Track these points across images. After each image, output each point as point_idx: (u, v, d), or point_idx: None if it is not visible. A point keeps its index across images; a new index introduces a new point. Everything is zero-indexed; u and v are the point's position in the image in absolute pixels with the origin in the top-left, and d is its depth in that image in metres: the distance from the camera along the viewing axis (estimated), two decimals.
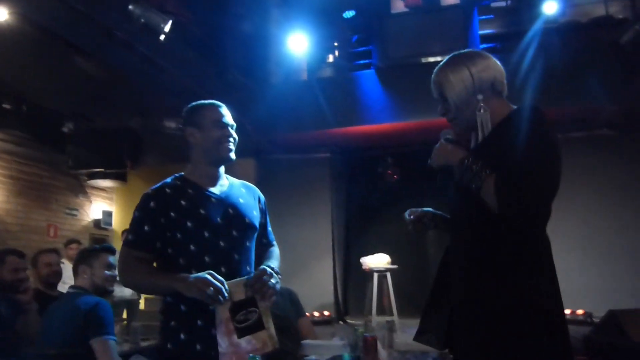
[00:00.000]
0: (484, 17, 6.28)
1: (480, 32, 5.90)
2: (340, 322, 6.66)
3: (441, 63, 1.71)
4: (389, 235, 7.48)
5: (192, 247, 1.78)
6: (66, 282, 3.87)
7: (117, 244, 7.30)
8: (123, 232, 7.09)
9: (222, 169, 1.98)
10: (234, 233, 1.86)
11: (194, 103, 2.01)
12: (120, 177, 7.02)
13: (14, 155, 6.48)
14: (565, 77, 5.17)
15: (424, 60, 6.06)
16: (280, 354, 2.79)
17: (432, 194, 7.89)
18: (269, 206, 2.13)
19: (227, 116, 1.96)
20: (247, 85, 6.07)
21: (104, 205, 8.03)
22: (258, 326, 1.72)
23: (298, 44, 6.22)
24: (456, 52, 1.71)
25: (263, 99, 6.06)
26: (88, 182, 7.33)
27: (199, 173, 1.92)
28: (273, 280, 1.79)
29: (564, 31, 5.47)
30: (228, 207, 1.89)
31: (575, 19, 5.79)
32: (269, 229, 2.11)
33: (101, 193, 7.99)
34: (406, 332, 5.78)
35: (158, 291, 1.90)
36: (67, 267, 4.22)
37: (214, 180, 1.94)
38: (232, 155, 1.94)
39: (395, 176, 7.45)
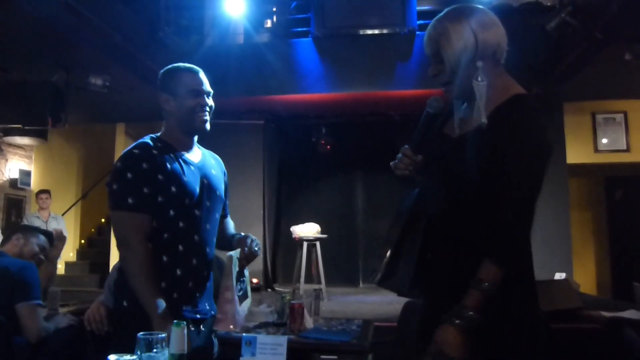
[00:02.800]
0: None
1: (418, 8, 5.96)
2: (269, 290, 6.72)
3: (441, 14, 1.48)
4: (320, 204, 7.58)
5: (171, 212, 1.75)
6: None
7: (35, 205, 6.96)
8: (37, 194, 6.77)
9: (195, 137, 1.94)
10: (207, 204, 1.86)
11: (170, 66, 1.92)
12: (40, 134, 6.63)
13: None
14: None
15: (361, 32, 6.07)
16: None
17: (364, 166, 8.08)
18: None
19: (205, 83, 1.88)
20: (180, 45, 5.84)
21: (21, 164, 7.57)
22: (246, 294, 1.80)
23: (235, 6, 6.04)
24: (459, 5, 1.48)
25: (196, 60, 5.83)
26: (4, 138, 6.88)
27: (175, 139, 1.86)
28: (257, 248, 1.88)
29: (496, 13, 5.61)
30: (203, 177, 1.87)
31: (507, 2, 5.97)
32: (227, 201, 2.11)
33: (18, 151, 7.51)
34: (332, 300, 5.93)
35: (131, 286, 1.71)
36: None
37: (189, 148, 1.90)
38: (207, 125, 1.88)
39: (328, 146, 7.51)
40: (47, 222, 6.49)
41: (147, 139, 1.85)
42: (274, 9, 6.72)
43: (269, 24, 6.65)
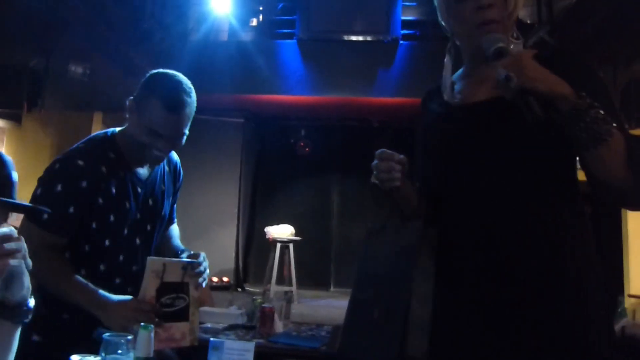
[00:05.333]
0: (407, 3, 6.42)
1: (403, 17, 6.03)
2: (239, 289, 6.69)
3: None
4: (295, 206, 7.58)
5: (106, 242, 1.56)
6: None
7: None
8: None
9: None
10: (148, 228, 1.68)
11: (156, 77, 1.59)
12: (14, 118, 6.50)
13: None
14: None
15: (345, 37, 6.12)
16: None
17: (341, 170, 8.07)
18: None
19: (175, 127, 1.53)
20: (164, 38, 5.80)
21: None
22: (182, 316, 1.51)
23: (221, 3, 6.03)
24: None
25: (179, 55, 5.84)
26: None
27: (129, 149, 1.59)
28: (206, 269, 1.61)
29: None
30: (149, 197, 1.67)
31: None
32: (175, 206, 1.87)
33: None
34: (303, 303, 5.94)
35: (66, 300, 1.51)
36: None
37: (142, 162, 1.64)
38: (159, 162, 1.64)
39: (307, 149, 7.52)
40: None
41: (102, 142, 1.59)
42: (260, 8, 6.73)
43: (254, 22, 6.66)
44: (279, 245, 6.07)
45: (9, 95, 5.52)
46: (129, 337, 1.21)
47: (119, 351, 1.20)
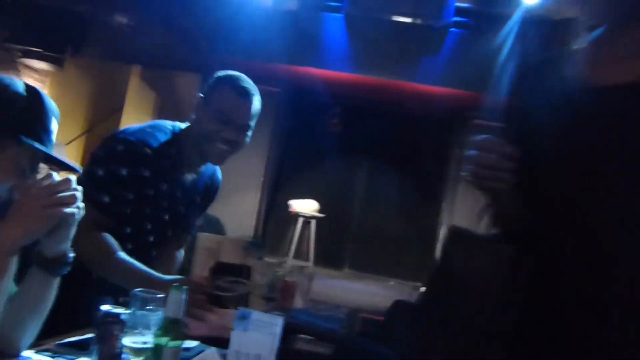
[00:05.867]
0: None
1: (457, 3, 5.83)
2: (259, 259, 6.71)
3: None
4: (320, 183, 7.54)
5: (128, 229, 1.56)
6: None
7: None
8: None
9: None
10: (169, 232, 1.67)
11: (224, 73, 1.64)
12: (57, 61, 6.55)
13: None
14: None
15: (394, 17, 5.95)
16: None
17: (371, 154, 8.00)
18: None
19: (245, 114, 1.57)
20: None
21: None
22: (240, 303, 1.37)
23: None
24: None
25: (223, 17, 5.77)
26: (21, 59, 6.79)
27: (187, 149, 1.61)
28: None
29: (536, 23, 5.52)
30: (182, 204, 1.67)
31: (549, 15, 5.84)
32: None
33: (34, 74, 7.40)
34: (317, 280, 5.92)
35: (113, 278, 1.50)
36: None
37: (194, 167, 1.67)
38: (222, 160, 1.64)
39: (340, 127, 7.43)
40: None
41: (169, 135, 1.58)
42: None
43: None
44: (301, 219, 6.05)
45: (55, 38, 5.55)
46: (161, 295, 1.19)
47: (148, 307, 1.18)
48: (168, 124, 1.65)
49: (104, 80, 8.61)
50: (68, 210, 1.03)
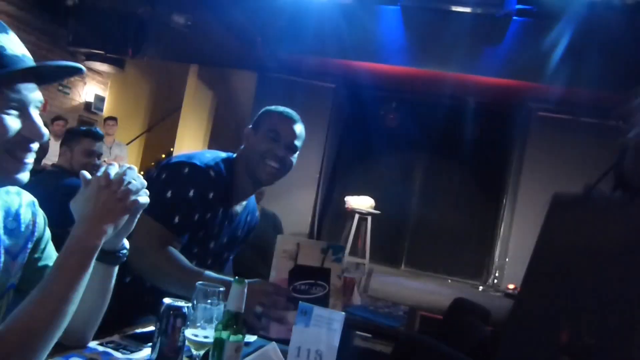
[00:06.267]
0: None
1: None
2: None
3: None
4: (376, 179, 7.46)
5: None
6: (51, 159, 3.78)
7: (102, 131, 7.14)
8: (105, 120, 6.95)
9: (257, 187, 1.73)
10: (209, 261, 1.71)
11: (271, 107, 1.74)
12: (118, 63, 6.78)
13: (13, 18, 6.16)
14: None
15: (453, 8, 5.77)
16: (254, 276, 2.78)
17: (429, 148, 7.82)
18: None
19: (292, 133, 1.65)
20: None
21: (97, 89, 7.79)
22: (320, 305, 1.26)
23: None
24: None
25: (278, 13, 5.78)
26: (85, 62, 7.08)
27: (239, 178, 1.67)
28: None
29: (603, 11, 5.22)
30: (226, 235, 1.73)
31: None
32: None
33: (96, 76, 7.73)
34: (374, 277, 5.86)
35: (183, 291, 1.46)
36: (51, 144, 4.12)
37: (244, 197, 1.73)
38: (273, 180, 1.68)
39: (396, 121, 7.32)
40: (110, 148, 6.68)
41: (226, 162, 1.65)
42: None
43: None
44: (357, 216, 5.99)
45: (117, 40, 5.74)
46: (222, 289, 1.17)
47: (210, 301, 1.16)
48: (222, 153, 1.72)
49: (163, 80, 8.87)
50: (141, 199, 1.04)
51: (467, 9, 5.64)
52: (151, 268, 1.48)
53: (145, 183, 1.06)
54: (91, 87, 7.68)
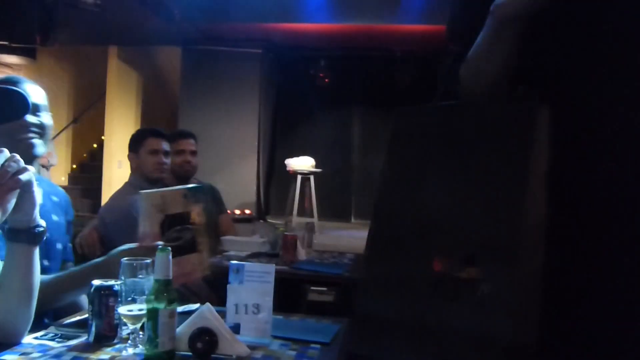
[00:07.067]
0: None
1: None
2: (261, 221, 6.75)
3: None
4: (315, 138, 7.51)
5: None
6: None
7: None
8: None
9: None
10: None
11: None
12: (28, 53, 6.42)
13: None
14: None
15: None
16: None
17: (362, 101, 7.89)
18: (195, 100, 1.84)
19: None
20: None
21: None
22: (191, 247, 1.44)
23: None
24: None
25: None
26: None
27: None
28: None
29: None
30: None
31: None
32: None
33: (6, 70, 7.29)
34: (324, 233, 5.97)
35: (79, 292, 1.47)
36: None
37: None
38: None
39: (326, 80, 7.33)
40: None
41: None
42: None
43: None
44: (299, 177, 6.05)
45: (21, 29, 5.39)
46: (148, 261, 1.17)
47: (139, 275, 1.17)
48: None
49: (83, 67, 8.48)
50: (23, 177, 1.03)
51: None
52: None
53: (22, 162, 1.05)
54: None
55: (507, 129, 0.81)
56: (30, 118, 1.44)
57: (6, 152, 1.04)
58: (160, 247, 1.13)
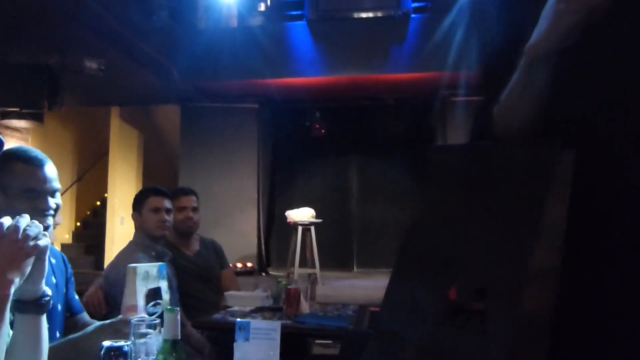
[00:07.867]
0: None
1: None
2: (263, 274, 6.75)
3: None
4: (314, 188, 7.60)
5: None
6: None
7: None
8: None
9: None
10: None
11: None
12: (36, 117, 6.58)
13: None
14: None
15: (355, 15, 6.04)
16: (204, 305, 2.82)
17: (358, 150, 8.03)
18: (194, 156, 1.95)
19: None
20: (175, 28, 5.81)
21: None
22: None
23: None
24: None
25: (190, 44, 5.85)
26: (1, 121, 6.85)
27: None
28: None
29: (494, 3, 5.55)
30: None
31: None
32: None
33: (15, 134, 7.47)
34: (327, 284, 5.97)
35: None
36: None
37: None
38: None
39: (322, 130, 7.49)
40: None
41: None
42: None
43: (262, 7, 6.62)
44: (300, 228, 6.10)
45: (30, 95, 5.58)
46: (157, 321, 1.23)
47: (148, 335, 1.23)
48: None
49: (86, 127, 8.67)
50: (41, 243, 1.05)
51: (369, 14, 5.92)
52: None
53: (42, 227, 1.09)
54: (11, 145, 7.36)
55: (527, 172, 0.84)
56: (50, 202, 1.51)
57: (27, 218, 1.07)
58: (168, 307, 1.19)
